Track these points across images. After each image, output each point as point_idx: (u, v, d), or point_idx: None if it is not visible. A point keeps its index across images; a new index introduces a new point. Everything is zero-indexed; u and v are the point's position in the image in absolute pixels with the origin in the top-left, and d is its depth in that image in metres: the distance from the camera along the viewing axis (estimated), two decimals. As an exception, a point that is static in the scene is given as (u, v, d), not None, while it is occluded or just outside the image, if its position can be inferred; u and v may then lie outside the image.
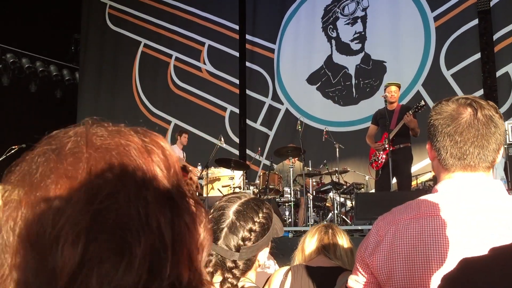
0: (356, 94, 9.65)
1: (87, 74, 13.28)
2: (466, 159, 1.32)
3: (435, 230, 1.27)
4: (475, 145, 1.31)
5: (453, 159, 1.34)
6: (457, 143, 1.32)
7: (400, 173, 6.33)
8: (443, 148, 1.35)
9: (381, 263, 1.33)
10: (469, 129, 1.31)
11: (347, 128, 9.46)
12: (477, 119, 1.31)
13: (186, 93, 11.37)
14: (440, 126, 1.35)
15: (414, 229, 1.30)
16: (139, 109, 12.03)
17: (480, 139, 1.30)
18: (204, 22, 11.44)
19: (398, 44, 9.40)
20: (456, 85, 8.61)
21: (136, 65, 12.35)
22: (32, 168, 0.51)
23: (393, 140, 6.25)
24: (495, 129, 1.31)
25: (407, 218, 1.34)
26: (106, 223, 0.47)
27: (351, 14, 9.89)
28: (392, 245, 1.32)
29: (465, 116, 1.32)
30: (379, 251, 1.34)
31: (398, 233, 1.32)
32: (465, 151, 1.32)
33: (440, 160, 1.37)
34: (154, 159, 0.53)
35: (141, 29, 12.31)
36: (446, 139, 1.34)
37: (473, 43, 8.63)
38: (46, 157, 0.51)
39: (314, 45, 10.23)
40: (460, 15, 8.76)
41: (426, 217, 1.30)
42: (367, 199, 6.36)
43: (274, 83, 10.52)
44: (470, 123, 1.31)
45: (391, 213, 1.41)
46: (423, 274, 1.26)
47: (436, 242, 1.26)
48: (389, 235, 1.34)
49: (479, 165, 1.32)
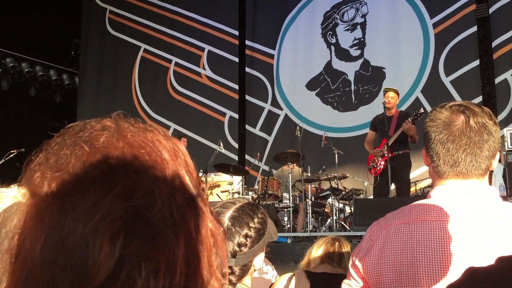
0: (355, 100, 9.67)
1: (87, 79, 13.29)
2: (458, 166, 1.32)
3: (425, 235, 1.27)
4: (467, 152, 1.31)
5: (446, 166, 1.34)
6: (449, 150, 1.33)
7: (399, 179, 6.34)
8: (436, 155, 1.36)
9: (371, 267, 1.33)
10: (461, 137, 1.31)
11: (346, 134, 9.47)
12: (469, 127, 1.31)
13: (186, 98, 11.38)
14: (433, 133, 1.36)
15: (404, 234, 1.31)
16: (138, 114, 12.03)
17: (472, 147, 1.30)
18: (204, 27, 11.47)
19: (397, 51, 9.42)
20: (455, 91, 8.63)
21: (135, 70, 12.37)
22: (62, 159, 0.49)
23: (392, 146, 6.26)
24: (488, 137, 1.31)
25: (398, 223, 1.34)
26: (145, 221, 0.46)
27: (351, 20, 9.92)
28: (382, 249, 1.33)
29: (458, 124, 1.32)
30: (370, 255, 1.35)
31: (389, 237, 1.33)
32: (457, 159, 1.32)
33: (434, 166, 1.38)
34: (180, 162, 0.53)
35: (141, 34, 12.34)
36: (439, 146, 1.35)
37: (472, 49, 8.65)
38: (78, 149, 0.50)
39: (313, 51, 10.25)
40: (459, 22, 8.79)
41: (416, 222, 1.31)
42: (366, 205, 6.35)
43: (273, 88, 10.53)
44: (462, 130, 1.31)
45: (384, 218, 1.42)
46: (410, 278, 1.26)
47: (424, 247, 1.26)
48: (380, 240, 1.35)
49: (472, 172, 1.32)
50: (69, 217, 0.45)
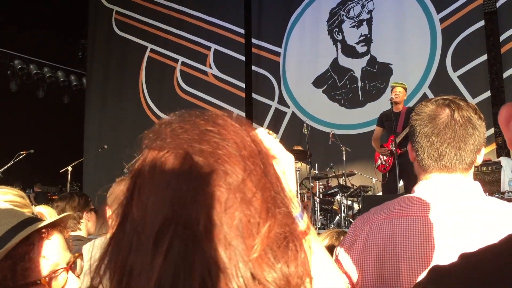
0: (362, 96, 9.63)
1: (94, 80, 13.36)
2: (442, 160, 1.31)
3: (407, 231, 1.26)
4: (452, 146, 1.30)
5: (430, 159, 1.33)
6: (433, 144, 1.32)
7: (407, 176, 6.30)
8: (420, 148, 1.35)
9: (353, 262, 1.32)
10: (446, 130, 1.30)
11: (354, 131, 9.44)
12: (454, 120, 1.30)
13: (193, 97, 11.40)
14: (418, 126, 1.36)
15: (387, 229, 1.29)
16: (145, 113, 12.08)
17: (456, 140, 1.29)
18: (210, 26, 11.48)
19: (404, 46, 9.37)
20: (463, 86, 8.57)
21: (142, 70, 12.41)
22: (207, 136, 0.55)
23: (399, 143, 6.24)
24: (473, 130, 1.30)
25: (381, 218, 1.33)
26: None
27: (357, 16, 9.88)
28: (364, 245, 1.32)
29: (443, 117, 1.32)
30: (353, 250, 1.34)
31: (371, 233, 1.32)
32: (441, 152, 1.31)
33: (418, 160, 1.38)
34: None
35: (147, 34, 12.38)
36: (423, 140, 1.34)
37: (480, 44, 8.58)
38: (212, 135, 0.55)
39: (319, 48, 10.23)
40: (466, 17, 8.72)
41: (399, 217, 1.29)
42: (374, 202, 6.30)
43: (280, 86, 10.52)
44: (447, 124, 1.30)
45: (368, 213, 1.41)
46: (393, 275, 1.24)
47: (406, 243, 1.24)
48: (363, 235, 1.34)
49: (456, 166, 1.31)
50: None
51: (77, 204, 2.97)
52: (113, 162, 11.43)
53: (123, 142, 11.63)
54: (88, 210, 3.06)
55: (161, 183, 0.53)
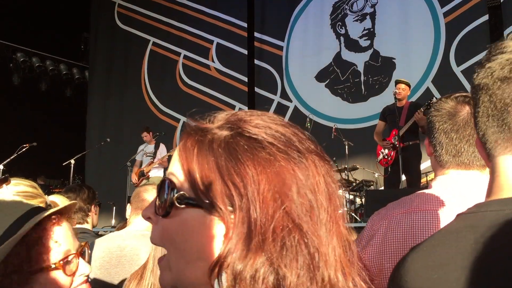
0: (365, 91, 9.61)
1: (97, 73, 13.36)
2: (460, 156, 1.32)
3: (426, 225, 1.27)
4: (470, 143, 1.31)
5: (448, 156, 1.34)
6: (452, 140, 1.33)
7: (409, 170, 6.31)
8: (439, 144, 1.36)
9: (372, 257, 1.34)
10: (465, 127, 1.31)
11: (356, 125, 9.42)
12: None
13: (195, 91, 11.40)
14: (437, 122, 1.36)
15: (406, 223, 1.31)
16: (148, 107, 12.08)
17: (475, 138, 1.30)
18: (213, 20, 11.45)
19: (408, 41, 9.33)
20: (466, 81, 8.53)
21: (145, 63, 12.40)
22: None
23: (402, 137, 6.24)
24: None
25: (399, 213, 1.34)
26: None
27: (360, 10, 9.84)
28: (383, 239, 1.33)
29: (463, 114, 1.32)
30: (371, 245, 1.35)
31: (390, 227, 1.33)
32: (460, 149, 1.32)
33: (436, 156, 1.38)
34: None
35: (150, 27, 12.36)
36: (442, 136, 1.35)
37: (484, 39, 8.53)
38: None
39: (322, 42, 10.19)
40: (470, 11, 8.68)
41: (417, 211, 1.31)
42: (377, 196, 6.33)
43: (282, 80, 10.51)
44: (467, 121, 1.31)
45: (385, 208, 1.42)
46: None
47: (426, 236, 1.24)
48: (382, 230, 1.35)
49: (473, 163, 1.32)
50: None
51: (87, 196, 2.97)
52: (115, 155, 11.45)
53: (126, 135, 11.64)
54: (95, 203, 3.07)
55: None
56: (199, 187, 0.62)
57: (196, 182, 0.62)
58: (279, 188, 0.60)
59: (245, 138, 0.63)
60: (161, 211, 0.65)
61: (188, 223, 0.63)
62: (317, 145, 0.70)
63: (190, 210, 0.63)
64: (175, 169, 0.66)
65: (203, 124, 0.69)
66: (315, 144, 0.70)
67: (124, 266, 2.38)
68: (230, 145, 0.62)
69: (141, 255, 2.38)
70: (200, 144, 0.64)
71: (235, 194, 0.59)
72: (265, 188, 0.59)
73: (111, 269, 2.39)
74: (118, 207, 9.35)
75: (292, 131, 0.68)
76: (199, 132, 0.66)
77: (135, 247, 2.43)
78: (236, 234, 0.58)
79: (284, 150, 0.63)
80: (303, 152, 0.65)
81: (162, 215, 0.65)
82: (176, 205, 0.63)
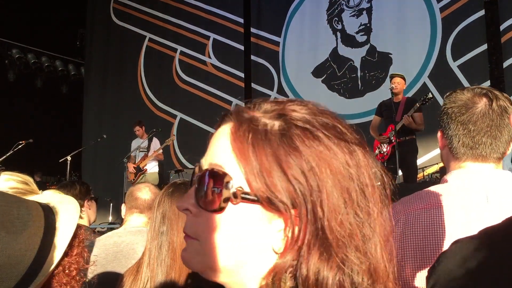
0: (362, 86, 9.61)
1: (93, 69, 13.31)
2: (478, 148, 1.31)
3: (447, 220, 1.26)
4: (488, 135, 1.29)
5: (465, 148, 1.32)
6: (470, 132, 1.31)
7: (406, 165, 6.32)
8: (455, 136, 1.34)
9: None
10: (484, 119, 1.29)
11: (353, 120, 9.42)
12: (492, 110, 1.29)
13: (191, 87, 11.37)
14: (454, 114, 1.34)
15: (425, 219, 1.29)
16: (144, 103, 12.05)
17: (494, 130, 1.29)
18: (209, 15, 11.41)
19: (404, 36, 9.33)
20: (463, 76, 8.54)
21: (141, 59, 12.36)
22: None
23: (398, 132, 6.24)
24: (508, 121, 1.29)
25: (417, 208, 1.32)
26: None
27: (357, 6, 9.83)
28: (402, 234, 1.31)
29: (480, 106, 1.31)
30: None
31: (409, 223, 1.31)
32: (477, 141, 1.30)
33: (451, 148, 1.36)
34: None
35: (146, 23, 12.31)
36: (459, 128, 1.33)
37: (480, 33, 8.54)
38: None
39: (319, 37, 10.18)
40: (466, 6, 8.68)
41: (436, 207, 1.29)
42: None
43: (279, 76, 10.49)
44: (484, 113, 1.30)
45: (400, 203, 1.40)
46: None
47: (446, 232, 1.25)
48: (400, 225, 1.33)
49: (491, 155, 1.31)
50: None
51: (78, 192, 2.97)
52: (112, 151, 11.43)
53: (122, 132, 11.62)
54: (89, 199, 3.07)
55: None
56: (259, 181, 0.57)
57: (255, 176, 0.57)
58: (341, 184, 0.56)
59: (300, 129, 0.59)
60: (210, 205, 0.59)
61: (244, 219, 0.58)
62: (363, 137, 0.65)
63: (247, 205, 0.58)
64: (224, 159, 0.61)
65: (252, 111, 0.64)
66: (361, 135, 0.65)
67: (120, 261, 2.38)
68: (286, 137, 0.58)
69: (137, 249, 2.38)
70: (255, 134, 0.59)
71: (299, 189, 0.55)
72: (328, 184, 0.55)
73: (107, 265, 2.39)
74: (115, 203, 9.33)
75: (340, 122, 0.64)
76: (253, 121, 0.61)
77: (131, 242, 2.43)
78: (300, 232, 0.55)
79: (337, 143, 0.59)
80: (354, 144, 0.61)
81: (212, 210, 0.59)
82: (232, 199, 0.58)
